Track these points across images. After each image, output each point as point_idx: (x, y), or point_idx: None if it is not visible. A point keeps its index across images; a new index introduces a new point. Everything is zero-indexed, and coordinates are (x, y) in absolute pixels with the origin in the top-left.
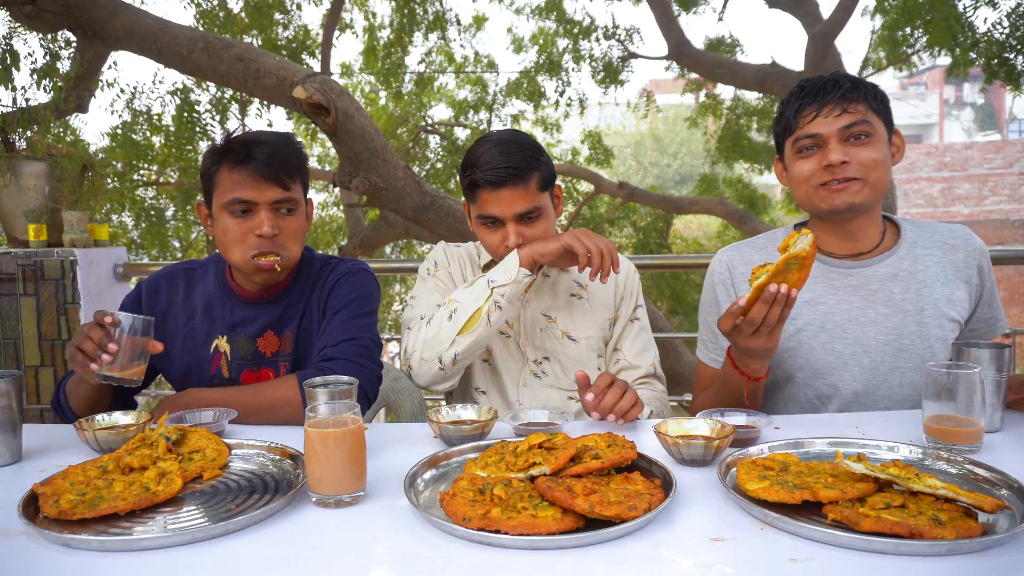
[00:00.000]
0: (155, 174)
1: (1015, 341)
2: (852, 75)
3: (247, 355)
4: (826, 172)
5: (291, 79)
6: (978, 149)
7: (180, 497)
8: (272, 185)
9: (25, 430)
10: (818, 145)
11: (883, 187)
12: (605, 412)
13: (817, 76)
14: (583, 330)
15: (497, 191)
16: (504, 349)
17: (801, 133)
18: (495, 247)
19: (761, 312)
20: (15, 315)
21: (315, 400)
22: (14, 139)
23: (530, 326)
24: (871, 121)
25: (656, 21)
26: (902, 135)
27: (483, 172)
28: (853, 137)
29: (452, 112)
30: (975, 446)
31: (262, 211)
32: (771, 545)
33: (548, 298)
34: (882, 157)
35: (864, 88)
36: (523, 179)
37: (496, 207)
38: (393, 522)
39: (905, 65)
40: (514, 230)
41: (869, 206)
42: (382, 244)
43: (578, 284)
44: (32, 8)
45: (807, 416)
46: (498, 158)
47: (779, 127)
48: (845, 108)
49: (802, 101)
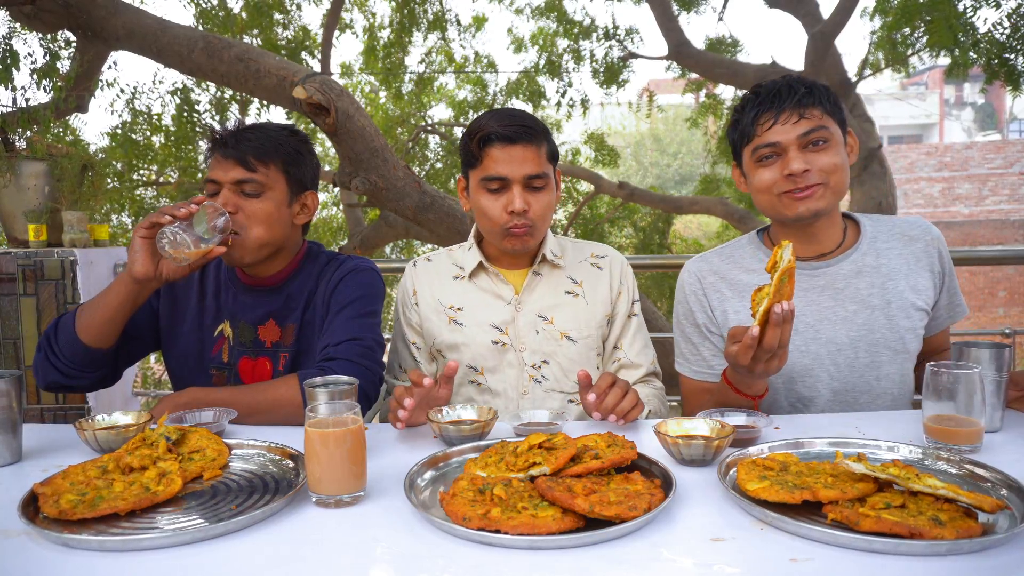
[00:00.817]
0: (155, 174)
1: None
2: (805, 78)
3: (247, 342)
4: (788, 181)
5: (291, 79)
6: (978, 149)
7: (180, 497)
8: (234, 165)
9: (25, 430)
10: (777, 153)
11: (843, 190)
12: (607, 413)
13: (770, 81)
14: (582, 329)
15: (509, 147)
16: (500, 360)
17: (760, 142)
18: (497, 213)
19: (775, 336)
20: (15, 315)
21: (315, 400)
22: (14, 139)
23: (525, 329)
24: (828, 126)
25: (656, 21)
26: (855, 135)
27: (497, 126)
28: (811, 143)
29: (452, 112)
30: (975, 446)
31: (223, 190)
32: (771, 545)
33: (544, 297)
34: (841, 161)
35: (819, 92)
36: (535, 140)
37: (506, 166)
38: (393, 522)
39: (904, 66)
40: (520, 194)
41: (832, 210)
42: (382, 244)
43: (572, 280)
44: (32, 8)
45: (807, 416)
46: (510, 117)
47: (735, 134)
48: (802, 114)
49: (759, 108)
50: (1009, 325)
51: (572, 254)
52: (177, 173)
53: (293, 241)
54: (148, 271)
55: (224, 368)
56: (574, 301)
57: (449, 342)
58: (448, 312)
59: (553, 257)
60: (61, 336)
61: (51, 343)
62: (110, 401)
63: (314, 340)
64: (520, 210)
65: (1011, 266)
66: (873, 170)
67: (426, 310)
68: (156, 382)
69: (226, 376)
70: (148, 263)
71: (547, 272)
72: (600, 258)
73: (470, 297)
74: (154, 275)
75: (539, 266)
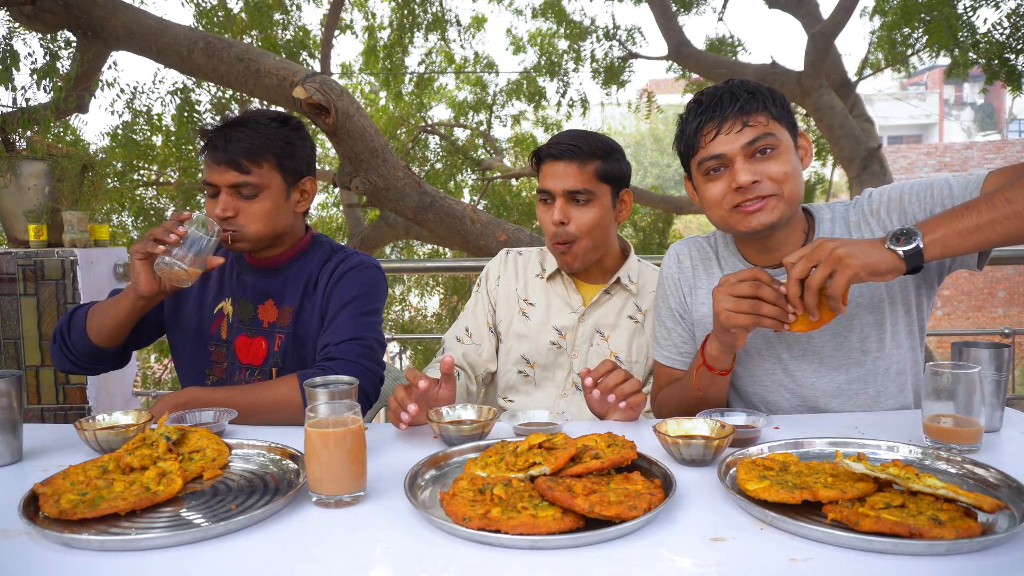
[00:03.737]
0: (155, 174)
1: (1014, 341)
2: (749, 82)
3: (245, 319)
4: (737, 194)
5: (291, 79)
6: (978, 149)
7: (180, 497)
8: (228, 169)
9: (25, 430)
10: (724, 165)
11: (798, 198)
12: (606, 391)
13: (712, 88)
14: (632, 354)
15: (554, 163)
16: (553, 359)
17: (704, 154)
18: (546, 225)
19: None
20: (15, 315)
21: (315, 400)
22: (14, 139)
23: (582, 339)
24: (774, 132)
25: (656, 21)
26: (808, 136)
27: (548, 146)
28: (758, 152)
29: (452, 112)
30: (975, 446)
31: (221, 194)
32: (771, 545)
33: (606, 315)
34: (791, 168)
35: (762, 96)
36: (580, 158)
37: (550, 180)
38: (393, 522)
39: (904, 66)
40: (560, 206)
41: (787, 220)
42: (382, 244)
43: (638, 308)
44: (32, 8)
45: (807, 416)
46: (566, 137)
47: (682, 145)
48: (746, 122)
49: (701, 119)
50: (1008, 325)
51: (649, 281)
52: (177, 173)
53: (296, 227)
54: (153, 288)
55: (222, 345)
56: (633, 327)
57: (514, 329)
58: (521, 303)
59: (628, 282)
60: (73, 333)
61: (64, 337)
62: (110, 401)
63: (311, 326)
64: (557, 221)
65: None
66: (873, 170)
67: (503, 294)
68: (156, 382)
69: (224, 352)
70: (151, 282)
71: (618, 293)
72: None
73: (543, 296)
74: (159, 289)
75: (612, 286)
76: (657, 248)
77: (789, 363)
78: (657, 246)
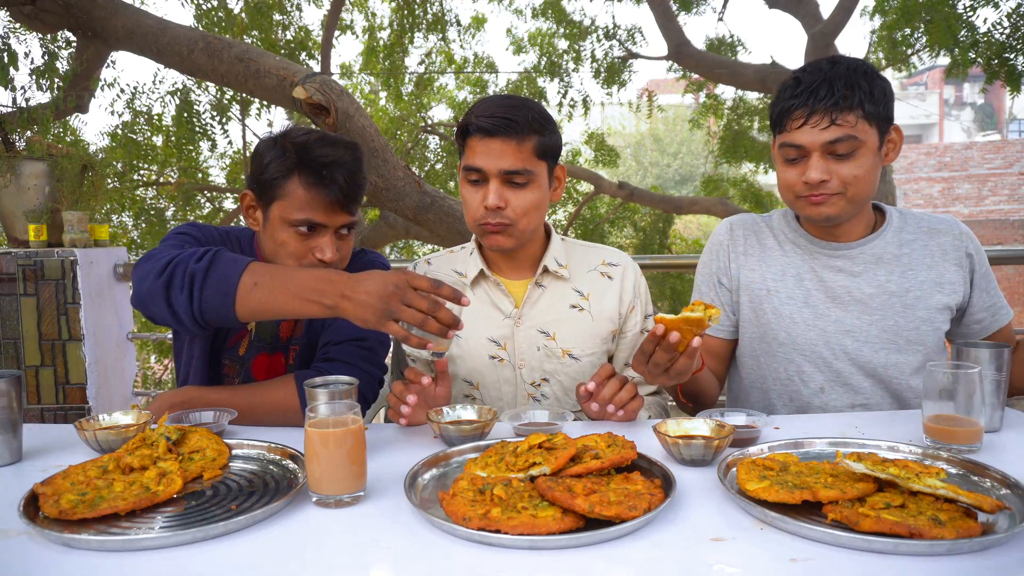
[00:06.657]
0: (155, 174)
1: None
2: (853, 69)
3: (266, 337)
4: (805, 186)
5: (291, 79)
6: (978, 149)
7: (180, 497)
8: (342, 212)
9: (25, 430)
10: (803, 156)
11: (864, 198)
12: (604, 403)
13: (816, 67)
14: (586, 346)
15: (487, 139)
16: (496, 375)
17: (786, 140)
18: (475, 207)
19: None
20: (15, 315)
21: (315, 400)
22: (14, 139)
23: (525, 345)
24: (858, 134)
25: (656, 21)
26: (900, 130)
27: (477, 118)
28: (837, 152)
29: (452, 113)
30: (975, 446)
31: (328, 235)
32: (771, 545)
33: (545, 311)
34: (864, 171)
35: (859, 93)
36: (518, 134)
37: (483, 158)
38: (393, 522)
39: (904, 66)
40: (496, 189)
41: (849, 217)
42: (382, 244)
43: (578, 293)
44: (32, 8)
45: (807, 416)
46: (496, 108)
47: (774, 114)
48: (834, 119)
49: (795, 102)
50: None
51: (580, 262)
52: (177, 173)
53: None
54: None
55: (237, 361)
56: (579, 316)
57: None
58: None
59: (557, 267)
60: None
61: (193, 289)
62: (110, 401)
63: (321, 330)
64: (493, 206)
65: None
66: None
67: None
68: (156, 382)
69: (237, 369)
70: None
71: (550, 283)
72: (612, 266)
73: (469, 308)
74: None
75: (541, 277)
76: (657, 248)
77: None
78: (657, 246)
